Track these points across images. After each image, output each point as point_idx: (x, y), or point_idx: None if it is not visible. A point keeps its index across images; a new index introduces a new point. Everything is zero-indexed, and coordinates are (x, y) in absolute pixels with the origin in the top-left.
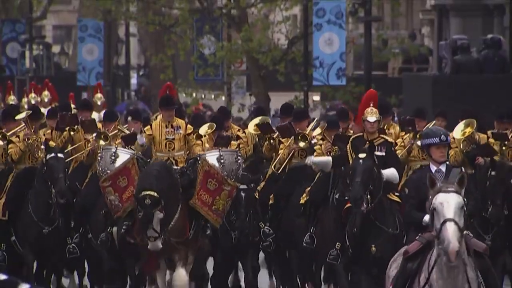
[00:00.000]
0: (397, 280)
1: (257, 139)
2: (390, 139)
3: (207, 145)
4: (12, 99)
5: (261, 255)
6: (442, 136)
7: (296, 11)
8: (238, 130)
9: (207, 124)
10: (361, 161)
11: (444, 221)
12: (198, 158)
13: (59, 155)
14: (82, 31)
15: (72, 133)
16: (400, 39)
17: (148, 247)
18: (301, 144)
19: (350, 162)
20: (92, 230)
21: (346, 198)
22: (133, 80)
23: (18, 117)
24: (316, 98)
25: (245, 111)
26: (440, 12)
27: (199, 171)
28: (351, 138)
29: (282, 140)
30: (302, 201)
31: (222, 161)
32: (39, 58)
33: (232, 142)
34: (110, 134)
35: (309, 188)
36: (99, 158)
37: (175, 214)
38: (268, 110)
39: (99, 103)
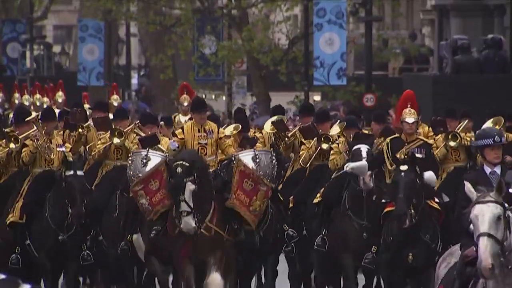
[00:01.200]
0: (454, 281)
1: (273, 139)
2: (429, 141)
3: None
4: (17, 98)
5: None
6: (496, 137)
7: (296, 11)
8: (254, 132)
9: (233, 125)
10: (403, 174)
11: (478, 236)
12: (233, 158)
13: (78, 173)
14: (82, 31)
15: (81, 130)
16: (401, 39)
17: (181, 227)
18: (324, 145)
19: (387, 163)
20: (103, 233)
21: (385, 201)
22: (134, 80)
23: (28, 118)
24: (317, 98)
25: (245, 111)
26: (441, 12)
27: (235, 171)
28: (388, 139)
29: (304, 141)
30: (315, 201)
31: (257, 160)
32: (40, 58)
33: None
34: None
35: (322, 189)
36: (129, 162)
37: (208, 211)
38: (268, 110)
39: (115, 104)
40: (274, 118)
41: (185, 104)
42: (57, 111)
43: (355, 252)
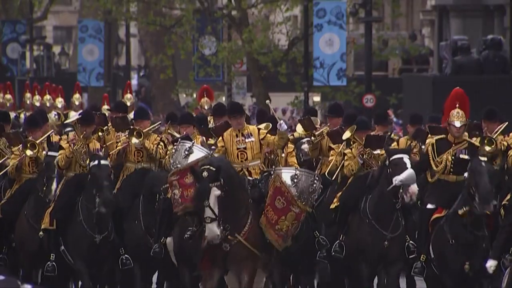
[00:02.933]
0: None
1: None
2: (476, 143)
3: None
4: (29, 98)
5: None
6: None
7: (296, 11)
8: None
9: (264, 124)
10: (483, 163)
11: None
12: (272, 172)
13: (102, 162)
14: (82, 31)
15: (101, 133)
16: (401, 40)
17: (205, 235)
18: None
19: (432, 165)
20: (126, 239)
21: (433, 207)
22: (134, 81)
23: (67, 121)
24: (317, 98)
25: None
26: (441, 13)
27: (270, 186)
28: (434, 140)
29: (333, 146)
30: (332, 206)
31: (295, 180)
32: (40, 58)
33: (290, 145)
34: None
35: (340, 194)
36: (173, 150)
37: (245, 224)
38: (268, 111)
39: (128, 104)
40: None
41: (206, 107)
42: (73, 113)
43: (372, 260)
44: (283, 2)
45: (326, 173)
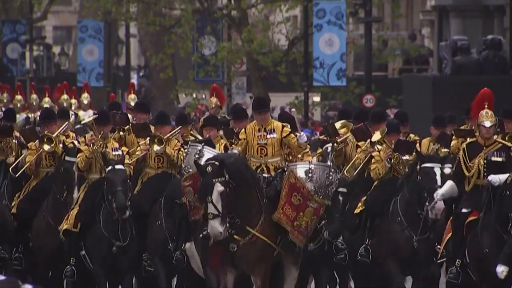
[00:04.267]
0: None
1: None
2: (508, 144)
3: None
4: (35, 99)
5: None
6: None
7: (296, 12)
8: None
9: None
10: None
11: None
12: (286, 169)
13: (117, 166)
14: (82, 32)
15: (122, 133)
16: (400, 40)
17: (208, 231)
18: (378, 147)
19: (464, 170)
20: (147, 241)
21: (468, 211)
22: (133, 81)
23: (84, 121)
24: (317, 98)
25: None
26: (440, 13)
27: (285, 183)
28: (465, 145)
29: (359, 144)
30: (357, 211)
31: (310, 174)
32: (39, 58)
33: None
34: (165, 137)
35: (364, 198)
36: (184, 154)
37: (257, 222)
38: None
39: (132, 104)
40: (339, 124)
41: (213, 106)
42: (82, 113)
43: (404, 264)
44: (283, 2)
45: (347, 172)
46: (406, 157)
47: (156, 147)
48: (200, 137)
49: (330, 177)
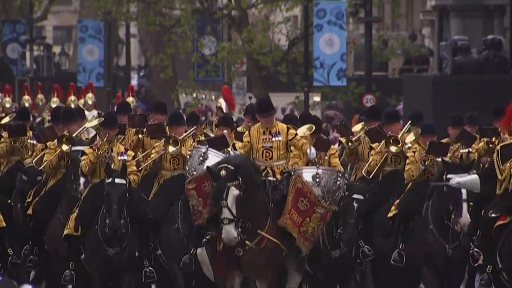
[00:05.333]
0: None
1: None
2: None
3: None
4: (41, 99)
5: None
6: None
7: (296, 11)
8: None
9: (306, 126)
10: None
11: None
12: (293, 173)
13: (117, 180)
14: (82, 31)
15: (140, 136)
16: (401, 40)
17: (222, 236)
18: (393, 148)
19: (497, 173)
20: (162, 246)
21: (497, 214)
22: (134, 81)
23: (88, 124)
24: (317, 98)
25: None
26: (441, 13)
27: (291, 188)
28: (499, 147)
29: (373, 146)
30: (390, 214)
31: (318, 179)
32: (40, 58)
33: (332, 146)
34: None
35: (398, 201)
36: (188, 156)
37: (264, 226)
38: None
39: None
40: (359, 126)
41: (216, 109)
42: (87, 113)
43: (438, 269)
44: (283, 2)
45: (364, 173)
46: (440, 159)
47: (171, 148)
48: (212, 135)
49: (338, 182)
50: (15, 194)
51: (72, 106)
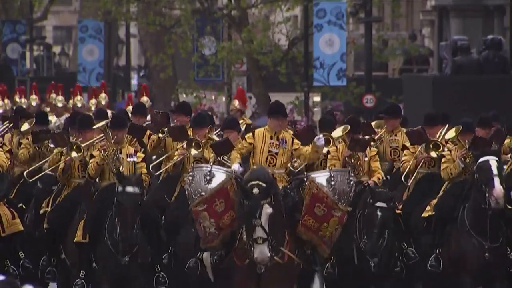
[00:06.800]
0: None
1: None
2: None
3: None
4: (54, 98)
5: None
6: None
7: (296, 11)
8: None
9: (342, 127)
10: None
11: None
12: (305, 179)
13: (129, 189)
14: (82, 31)
15: (161, 135)
16: (401, 40)
17: (254, 256)
18: (433, 153)
19: None
20: (179, 250)
21: None
22: (134, 81)
23: (97, 125)
24: (317, 98)
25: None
26: (441, 13)
27: (306, 194)
28: None
29: (409, 146)
30: (425, 215)
31: (332, 182)
32: (40, 59)
33: (373, 149)
34: (202, 142)
35: (435, 201)
36: (190, 178)
37: (283, 240)
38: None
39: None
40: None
41: (233, 109)
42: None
43: (476, 274)
44: (283, 2)
45: (402, 177)
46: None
47: (193, 152)
48: (217, 139)
49: (351, 182)
50: (33, 201)
51: (79, 105)
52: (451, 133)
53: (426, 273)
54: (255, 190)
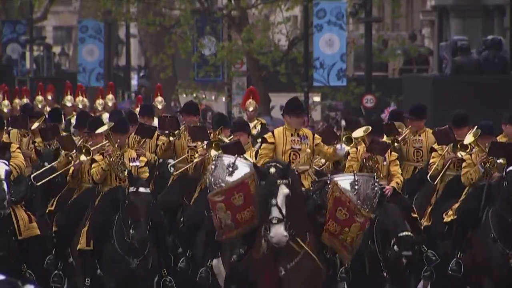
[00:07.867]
0: None
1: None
2: None
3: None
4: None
5: None
6: None
7: (296, 12)
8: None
9: (363, 128)
10: None
11: None
12: (329, 182)
13: (141, 189)
14: (82, 32)
15: (172, 138)
16: (401, 40)
17: (270, 236)
18: (462, 154)
19: None
20: (196, 252)
21: None
22: (134, 81)
23: (99, 130)
24: (317, 98)
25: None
26: (441, 13)
27: (329, 197)
28: None
29: (436, 147)
30: (447, 219)
31: (356, 187)
32: (40, 59)
33: (393, 153)
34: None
35: (456, 205)
36: (212, 166)
37: (305, 236)
38: (268, 111)
39: (160, 107)
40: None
41: (251, 109)
42: (106, 115)
43: (499, 279)
44: (283, 2)
45: (428, 176)
46: (501, 160)
47: (214, 153)
48: (227, 140)
49: (376, 188)
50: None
51: (80, 106)
52: (470, 138)
53: (445, 276)
54: (272, 170)
